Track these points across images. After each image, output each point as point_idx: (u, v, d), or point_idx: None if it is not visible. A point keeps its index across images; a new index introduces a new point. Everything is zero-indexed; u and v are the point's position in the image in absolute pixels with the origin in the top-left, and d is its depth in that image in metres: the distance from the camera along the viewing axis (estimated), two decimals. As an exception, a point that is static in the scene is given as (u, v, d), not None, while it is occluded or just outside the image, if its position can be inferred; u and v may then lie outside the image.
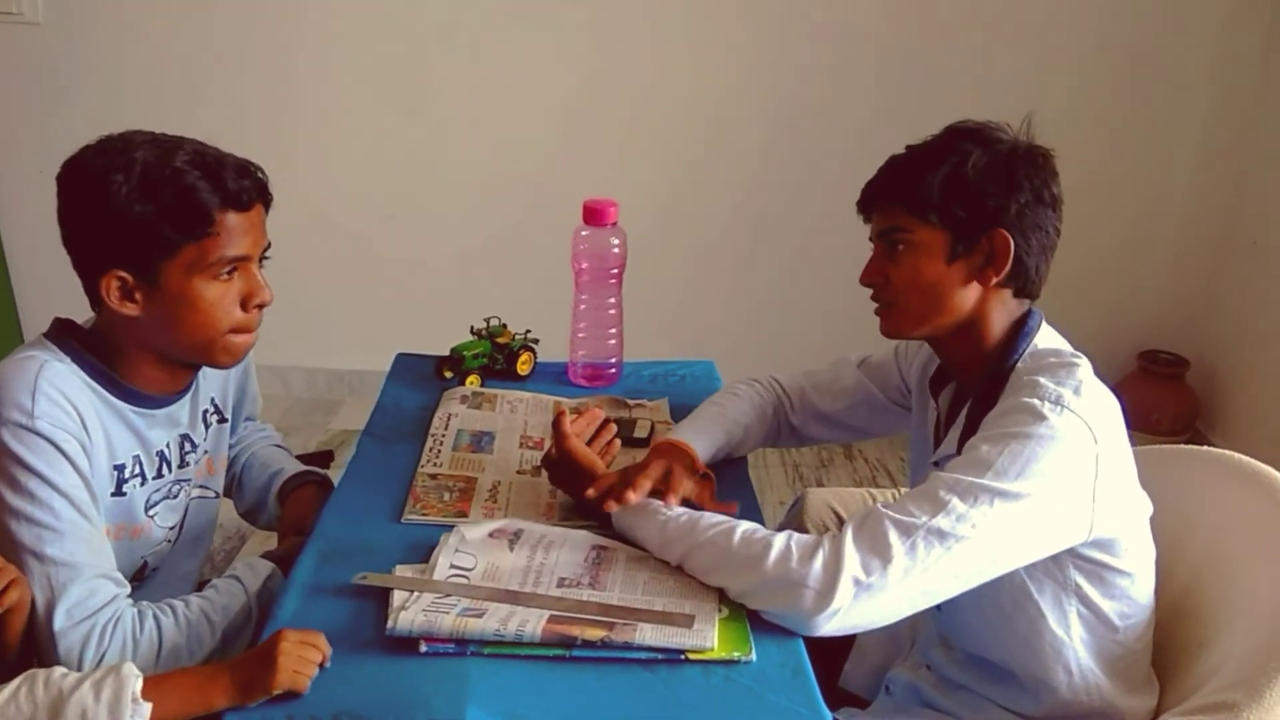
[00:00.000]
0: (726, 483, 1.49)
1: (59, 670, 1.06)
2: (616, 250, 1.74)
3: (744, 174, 3.28)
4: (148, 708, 1.03)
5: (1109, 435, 1.20)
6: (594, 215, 1.70)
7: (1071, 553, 1.23)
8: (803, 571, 1.13)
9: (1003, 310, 1.30)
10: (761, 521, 1.39)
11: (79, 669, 1.16)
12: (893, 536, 1.14)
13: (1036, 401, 1.18)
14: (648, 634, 1.11)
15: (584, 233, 1.72)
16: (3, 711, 1.01)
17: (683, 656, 1.11)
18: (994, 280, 1.26)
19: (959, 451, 1.26)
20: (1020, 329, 1.30)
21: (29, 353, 1.26)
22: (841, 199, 3.27)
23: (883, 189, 1.31)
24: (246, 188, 1.26)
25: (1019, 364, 1.27)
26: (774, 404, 1.62)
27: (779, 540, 1.17)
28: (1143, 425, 3.21)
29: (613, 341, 1.81)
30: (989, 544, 1.16)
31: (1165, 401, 3.23)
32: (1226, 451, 1.47)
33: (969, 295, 1.28)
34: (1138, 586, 1.27)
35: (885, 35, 3.14)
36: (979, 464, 1.16)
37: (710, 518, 1.26)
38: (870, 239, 1.34)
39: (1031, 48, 3.13)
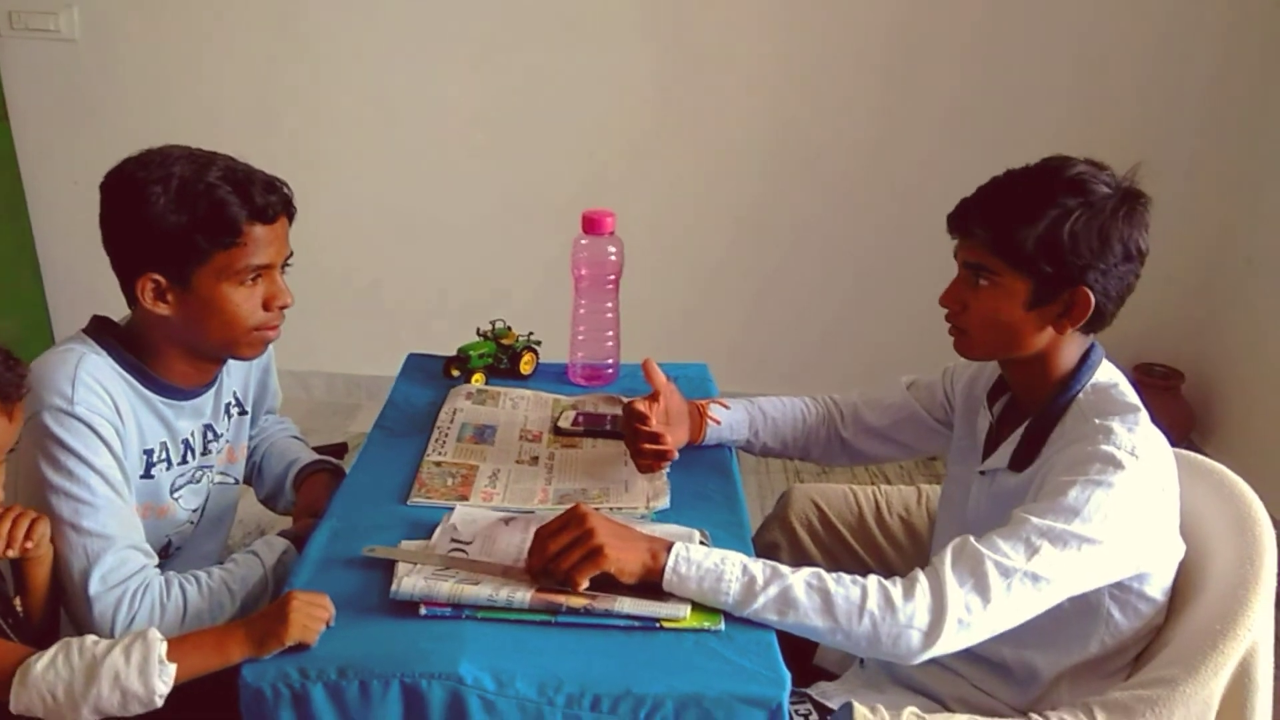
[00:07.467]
0: (712, 476, 1.58)
1: (90, 638, 1.15)
2: (614, 258, 1.82)
3: (737, 186, 3.34)
4: (173, 668, 1.12)
5: (1170, 479, 1.31)
6: (592, 225, 1.79)
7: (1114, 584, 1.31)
8: (908, 613, 1.19)
9: (1071, 346, 1.36)
10: (745, 519, 1.47)
11: (111, 630, 1.27)
12: (993, 578, 1.20)
13: (1114, 450, 1.25)
14: (626, 605, 1.21)
15: (583, 241, 1.81)
16: (42, 677, 1.10)
17: (658, 625, 1.20)
18: (1069, 329, 1.33)
19: (1010, 465, 1.37)
20: (1084, 361, 1.37)
21: (70, 345, 1.38)
22: (828, 206, 3.32)
23: (977, 221, 1.33)
24: (273, 202, 1.37)
25: (1080, 395, 1.35)
26: (822, 416, 1.71)
27: (873, 588, 1.21)
28: (1137, 436, 3.27)
29: (610, 344, 1.90)
30: (1068, 584, 1.24)
31: (1160, 414, 3.16)
32: (1193, 454, 1.55)
33: (1042, 337, 1.34)
34: (1155, 607, 1.35)
35: (884, 50, 3.18)
36: (1067, 510, 1.23)
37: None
38: (955, 257, 1.38)
39: (1025, 55, 3.16)
